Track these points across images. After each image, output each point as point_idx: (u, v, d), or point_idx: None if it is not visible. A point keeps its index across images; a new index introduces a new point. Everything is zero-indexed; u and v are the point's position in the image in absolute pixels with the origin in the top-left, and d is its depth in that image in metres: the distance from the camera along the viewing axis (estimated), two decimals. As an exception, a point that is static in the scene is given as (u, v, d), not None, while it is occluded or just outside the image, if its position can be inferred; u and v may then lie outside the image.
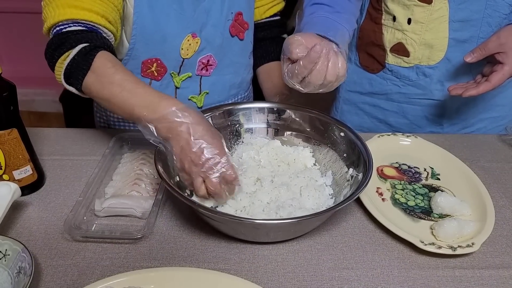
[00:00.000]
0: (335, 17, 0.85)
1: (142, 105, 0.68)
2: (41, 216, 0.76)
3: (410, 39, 0.97)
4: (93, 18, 0.77)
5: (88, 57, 0.73)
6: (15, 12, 2.45)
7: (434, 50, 0.96)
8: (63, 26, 0.76)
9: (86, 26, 0.77)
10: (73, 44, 0.74)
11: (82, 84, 0.74)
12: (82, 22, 0.77)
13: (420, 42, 0.96)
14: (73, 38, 0.75)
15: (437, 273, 0.68)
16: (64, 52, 0.75)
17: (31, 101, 2.60)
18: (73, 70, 0.74)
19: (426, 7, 0.92)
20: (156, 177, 0.81)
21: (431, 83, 1.01)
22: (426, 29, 0.95)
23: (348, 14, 0.89)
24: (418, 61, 0.99)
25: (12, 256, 0.62)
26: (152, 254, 0.69)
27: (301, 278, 0.66)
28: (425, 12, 0.93)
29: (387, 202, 0.81)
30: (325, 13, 0.86)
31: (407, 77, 1.02)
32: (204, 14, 0.92)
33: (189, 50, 0.93)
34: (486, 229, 0.73)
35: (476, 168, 0.89)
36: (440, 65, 0.98)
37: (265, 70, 1.10)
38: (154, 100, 0.68)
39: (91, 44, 0.74)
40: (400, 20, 0.97)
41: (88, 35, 0.76)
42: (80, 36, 0.75)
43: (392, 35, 1.00)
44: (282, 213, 0.71)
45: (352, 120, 1.16)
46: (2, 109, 0.72)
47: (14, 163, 0.77)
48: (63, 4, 0.75)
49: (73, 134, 0.98)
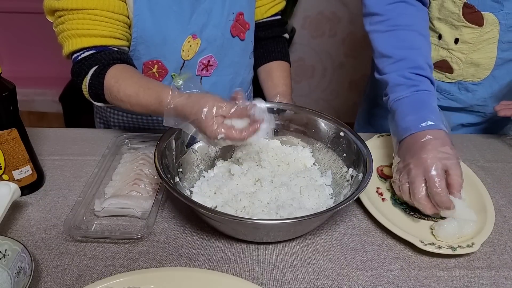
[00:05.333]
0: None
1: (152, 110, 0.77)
2: (41, 216, 0.76)
3: (455, 58, 0.95)
4: (102, 42, 0.83)
5: (100, 78, 0.82)
6: (15, 12, 2.45)
7: (480, 69, 0.95)
8: (78, 54, 0.84)
9: (96, 48, 0.84)
10: (87, 70, 0.83)
11: (107, 101, 0.84)
12: (92, 47, 0.84)
13: (466, 61, 0.94)
14: (86, 64, 0.83)
15: (437, 273, 0.68)
16: (82, 79, 0.84)
17: (31, 101, 2.60)
18: (94, 92, 0.83)
19: (476, 29, 0.90)
20: (156, 177, 0.81)
21: (473, 98, 0.99)
22: (474, 49, 0.92)
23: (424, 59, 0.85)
24: (462, 77, 0.97)
25: (11, 256, 0.62)
26: (152, 254, 0.69)
27: (301, 278, 0.66)
28: (474, 34, 0.91)
29: (387, 202, 0.81)
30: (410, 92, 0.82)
31: (448, 92, 1.00)
32: (204, 15, 0.92)
33: (190, 52, 0.94)
34: (486, 229, 0.73)
35: (476, 168, 0.89)
36: (485, 82, 0.96)
37: (266, 70, 1.10)
38: (155, 104, 0.75)
39: (100, 65, 0.82)
40: (446, 40, 0.94)
41: (98, 56, 0.83)
42: (91, 61, 0.83)
43: (436, 52, 0.97)
44: (282, 213, 0.71)
45: (384, 124, 1.10)
46: (2, 109, 0.72)
47: (13, 163, 0.77)
48: (73, 35, 0.82)
49: (73, 134, 0.98)
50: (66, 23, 0.82)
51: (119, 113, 1.06)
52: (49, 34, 0.95)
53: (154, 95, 0.76)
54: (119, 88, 0.79)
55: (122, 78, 0.80)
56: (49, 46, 2.49)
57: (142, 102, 0.78)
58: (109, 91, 0.81)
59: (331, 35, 2.37)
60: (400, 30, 0.87)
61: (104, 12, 0.82)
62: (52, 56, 2.51)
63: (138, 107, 0.79)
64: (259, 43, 1.08)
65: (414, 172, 0.73)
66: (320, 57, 2.45)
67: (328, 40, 2.38)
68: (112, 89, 0.80)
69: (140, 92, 0.77)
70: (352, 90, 2.56)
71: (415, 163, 0.74)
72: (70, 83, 1.99)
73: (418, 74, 0.83)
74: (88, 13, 0.81)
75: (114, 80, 0.80)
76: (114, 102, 0.82)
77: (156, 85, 0.78)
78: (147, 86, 0.78)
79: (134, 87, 0.79)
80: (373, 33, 0.90)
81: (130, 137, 0.93)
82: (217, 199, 0.75)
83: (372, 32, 0.90)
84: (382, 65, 0.88)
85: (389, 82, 0.85)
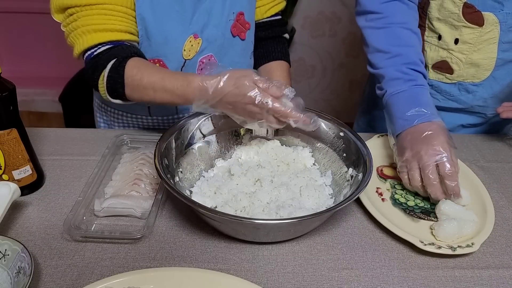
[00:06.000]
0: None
1: (178, 95, 0.76)
2: (41, 216, 0.76)
3: (455, 58, 0.95)
4: (117, 36, 0.83)
5: (120, 70, 0.80)
6: (15, 12, 2.45)
7: (480, 69, 0.94)
8: (93, 50, 0.83)
9: (112, 43, 0.83)
10: (105, 64, 0.82)
11: (126, 95, 0.82)
12: (108, 42, 0.83)
13: (466, 61, 0.94)
14: (103, 58, 0.82)
15: (437, 273, 0.68)
16: (100, 73, 0.82)
17: (31, 101, 2.60)
18: (112, 85, 0.82)
19: (476, 29, 0.90)
20: (156, 177, 0.81)
21: (474, 99, 0.99)
22: (474, 50, 0.92)
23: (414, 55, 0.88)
24: (462, 78, 0.97)
25: (11, 256, 0.62)
26: (152, 254, 0.69)
27: (301, 278, 0.66)
28: (474, 34, 0.91)
29: (387, 202, 0.81)
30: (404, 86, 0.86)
31: (448, 93, 1.00)
32: (205, 15, 0.92)
33: (191, 51, 0.94)
34: (486, 229, 0.73)
35: (476, 168, 0.89)
36: (485, 83, 0.96)
37: (266, 70, 1.09)
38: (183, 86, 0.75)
39: (118, 58, 0.81)
40: (446, 40, 0.94)
41: (115, 50, 0.82)
42: (109, 54, 0.82)
43: (436, 53, 0.97)
44: (282, 213, 0.71)
45: (384, 125, 1.13)
46: (1, 109, 0.72)
47: (13, 163, 0.77)
48: (88, 30, 0.81)
49: (72, 134, 0.98)
50: (80, 20, 0.81)
51: (119, 112, 1.06)
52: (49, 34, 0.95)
53: (181, 78, 0.76)
54: (143, 75, 0.79)
55: (144, 67, 0.80)
56: (49, 46, 2.49)
57: (167, 86, 0.77)
58: (131, 80, 0.80)
59: (331, 35, 2.37)
60: (396, 27, 0.89)
61: (118, 7, 0.81)
62: (52, 56, 2.52)
63: (161, 93, 0.78)
64: (259, 43, 1.08)
65: (425, 158, 0.76)
66: (320, 57, 2.45)
67: (328, 40, 2.38)
68: (134, 78, 0.79)
69: (166, 77, 0.77)
70: (352, 90, 2.55)
71: (425, 150, 0.76)
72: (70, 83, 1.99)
73: (414, 70, 0.86)
74: (102, 8, 0.80)
75: (137, 70, 0.80)
76: (137, 91, 0.80)
77: (180, 72, 0.80)
78: (172, 72, 0.80)
79: (158, 73, 0.79)
80: (368, 29, 0.93)
81: (130, 137, 0.93)
82: (217, 199, 0.75)
83: (367, 28, 0.93)
84: (377, 60, 0.91)
85: (386, 76, 0.88)
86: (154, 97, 0.79)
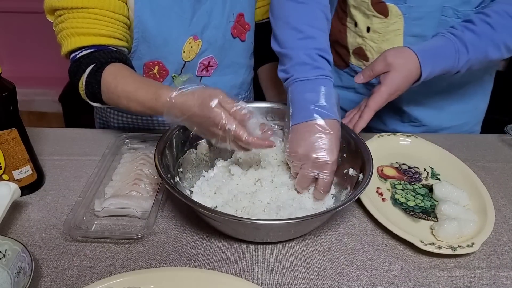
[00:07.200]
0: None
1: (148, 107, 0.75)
2: (41, 216, 0.76)
3: (369, 46, 0.98)
4: (101, 41, 0.83)
5: (97, 76, 0.80)
6: (15, 12, 2.46)
7: None
8: (76, 53, 0.83)
9: (95, 47, 0.83)
10: (84, 68, 0.82)
11: (103, 100, 0.82)
12: (91, 46, 0.83)
13: (377, 50, 0.97)
14: (84, 62, 0.82)
15: (437, 273, 0.68)
16: (79, 77, 0.83)
17: (31, 101, 2.60)
18: (90, 90, 0.82)
19: (383, 19, 0.93)
20: (156, 177, 0.81)
21: None
22: (383, 39, 0.96)
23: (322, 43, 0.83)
24: None
25: (11, 256, 0.62)
26: (152, 254, 0.69)
27: (301, 278, 0.66)
28: (382, 24, 0.94)
29: (387, 202, 0.81)
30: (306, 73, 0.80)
31: None
32: (205, 16, 0.92)
33: (191, 53, 0.94)
34: (486, 229, 0.73)
35: (476, 168, 0.89)
36: None
37: (266, 70, 1.10)
38: (153, 100, 0.73)
39: (97, 63, 0.81)
40: (360, 27, 0.98)
41: (96, 55, 0.82)
42: (89, 59, 0.82)
43: (354, 39, 1.00)
44: (283, 213, 0.71)
45: (383, 126, 1.12)
46: (2, 109, 0.72)
47: (13, 163, 0.77)
48: (72, 33, 0.82)
49: (72, 134, 0.98)
50: (66, 22, 0.82)
51: (119, 113, 1.06)
52: (49, 34, 0.95)
53: (152, 91, 0.74)
54: (117, 84, 0.78)
55: (120, 75, 0.80)
56: (49, 46, 2.49)
57: (139, 98, 0.75)
58: (106, 87, 0.80)
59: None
60: (315, 6, 0.84)
61: (105, 11, 0.82)
62: (52, 56, 2.51)
63: (134, 104, 0.77)
64: (260, 44, 1.08)
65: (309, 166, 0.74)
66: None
67: (328, 40, 2.37)
68: (109, 85, 0.79)
69: (139, 88, 0.76)
70: (352, 90, 2.55)
71: (313, 158, 0.74)
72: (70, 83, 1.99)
73: (323, 57, 0.81)
74: (88, 12, 0.80)
75: (112, 77, 0.79)
76: (111, 98, 0.80)
77: (155, 83, 0.78)
78: (146, 83, 0.77)
79: (133, 83, 0.78)
80: (288, 1, 0.84)
81: (130, 137, 0.93)
82: (217, 199, 0.75)
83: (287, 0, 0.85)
84: (287, 38, 0.83)
85: (293, 59, 0.82)
86: (128, 107, 0.78)
